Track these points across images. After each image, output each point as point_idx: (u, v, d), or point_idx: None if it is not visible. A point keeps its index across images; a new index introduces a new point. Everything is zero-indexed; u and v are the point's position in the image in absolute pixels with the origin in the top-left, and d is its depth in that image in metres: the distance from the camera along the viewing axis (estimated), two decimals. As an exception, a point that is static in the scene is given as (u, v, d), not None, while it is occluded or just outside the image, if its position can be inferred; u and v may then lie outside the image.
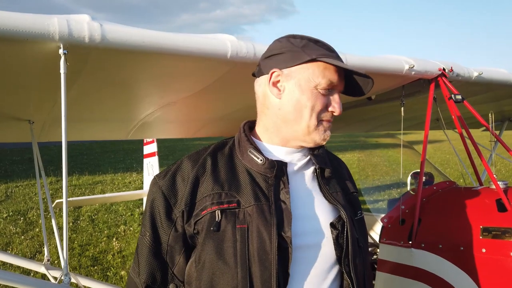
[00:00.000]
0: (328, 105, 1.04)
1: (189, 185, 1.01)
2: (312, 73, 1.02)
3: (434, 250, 2.06)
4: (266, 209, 0.97)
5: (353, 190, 1.17)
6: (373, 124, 4.11)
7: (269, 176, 1.01)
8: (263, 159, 1.02)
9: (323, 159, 1.11)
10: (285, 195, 1.00)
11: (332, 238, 1.01)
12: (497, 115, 4.61)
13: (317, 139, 1.06)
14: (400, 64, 2.21)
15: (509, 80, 2.69)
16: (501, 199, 1.97)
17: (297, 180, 1.06)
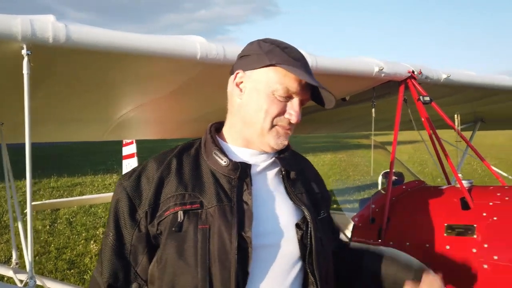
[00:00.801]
0: (285, 112, 1.06)
1: (153, 186, 1.03)
2: (271, 78, 1.04)
3: (402, 248, 2.10)
4: (228, 210, 0.99)
5: (318, 191, 1.20)
6: (349, 124, 4.19)
7: (233, 178, 1.03)
8: (227, 160, 1.04)
9: (288, 162, 1.13)
10: (248, 196, 1.02)
11: (297, 238, 1.05)
12: (469, 116, 4.75)
13: (271, 143, 1.08)
14: (370, 66, 2.27)
15: (476, 83, 2.78)
16: (465, 197, 2.04)
17: (261, 182, 1.09)
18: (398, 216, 2.24)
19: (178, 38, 1.64)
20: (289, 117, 1.05)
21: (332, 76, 2.19)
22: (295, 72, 1.02)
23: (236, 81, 1.09)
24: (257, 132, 1.07)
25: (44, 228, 6.44)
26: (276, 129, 1.07)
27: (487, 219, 1.88)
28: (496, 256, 1.76)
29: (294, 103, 1.06)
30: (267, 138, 1.07)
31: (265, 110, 1.04)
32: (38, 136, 2.78)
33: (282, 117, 1.05)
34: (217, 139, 1.12)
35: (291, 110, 1.05)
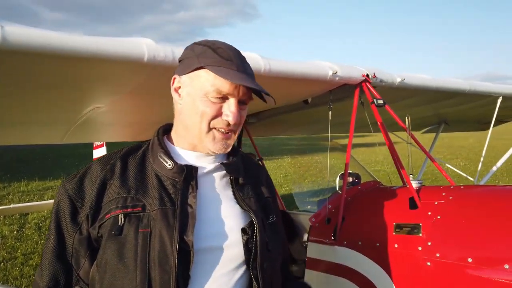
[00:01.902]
0: (221, 113, 1.05)
1: (96, 188, 1.03)
2: (202, 81, 1.04)
3: (355, 247, 2.17)
4: (170, 213, 0.99)
5: (267, 195, 1.21)
6: (315, 127, 4.25)
7: (178, 181, 1.04)
8: (172, 163, 1.05)
9: (235, 167, 1.13)
10: (192, 199, 1.02)
11: (242, 242, 1.05)
12: (433, 118, 4.89)
13: (209, 147, 1.07)
14: (324, 70, 2.31)
15: (430, 85, 2.87)
16: (413, 197, 2.10)
17: (208, 185, 1.09)
18: (352, 216, 2.30)
19: (125, 40, 1.64)
20: (226, 118, 1.04)
21: (287, 79, 2.23)
22: (222, 73, 1.01)
23: (174, 87, 1.10)
24: (196, 136, 1.07)
25: (11, 234, 6.27)
26: (213, 133, 1.06)
27: (431, 218, 1.95)
28: (438, 254, 1.83)
29: (230, 103, 1.04)
30: (205, 142, 1.07)
31: (200, 113, 1.04)
32: None
33: (219, 119, 1.05)
34: (164, 142, 1.12)
35: (227, 111, 1.04)
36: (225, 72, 1.01)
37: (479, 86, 3.31)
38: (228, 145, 1.09)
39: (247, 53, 2.10)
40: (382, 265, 2.04)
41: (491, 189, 2.50)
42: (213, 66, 1.02)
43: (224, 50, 1.06)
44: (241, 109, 1.07)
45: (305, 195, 3.28)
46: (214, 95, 1.03)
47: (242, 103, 1.07)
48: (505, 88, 3.53)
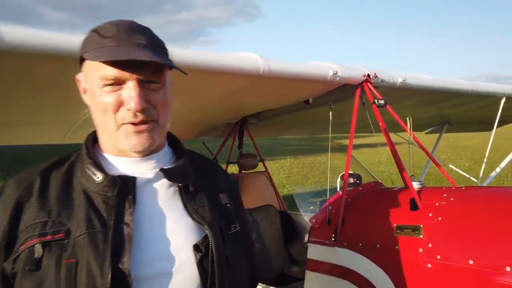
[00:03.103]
0: (122, 104, 0.86)
1: (9, 214, 0.84)
2: (87, 72, 0.88)
3: (355, 248, 2.15)
4: (100, 237, 0.82)
5: (227, 200, 1.02)
6: (315, 127, 4.24)
7: (110, 196, 0.86)
8: (102, 176, 0.87)
9: (180, 172, 0.95)
10: (129, 217, 0.85)
11: (196, 261, 0.89)
12: (436, 118, 4.86)
13: (126, 146, 0.88)
14: (325, 70, 2.30)
15: (432, 86, 2.85)
16: (414, 198, 2.08)
17: (149, 197, 0.91)
18: (352, 217, 2.28)
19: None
20: (128, 107, 0.85)
21: (287, 80, 2.22)
22: (95, 55, 0.83)
23: (80, 88, 0.94)
24: (109, 137, 0.90)
25: None
26: (124, 128, 0.87)
27: (432, 219, 1.93)
28: (439, 256, 1.81)
29: (128, 88, 0.84)
30: (119, 141, 0.89)
31: (101, 109, 0.87)
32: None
33: (123, 110, 0.86)
34: (94, 150, 0.94)
35: (128, 98, 0.85)
36: (99, 53, 0.83)
37: (482, 87, 3.29)
38: (150, 139, 0.88)
39: (246, 53, 2.11)
40: (383, 267, 2.02)
41: (493, 190, 2.47)
42: (88, 52, 0.85)
43: (109, 28, 0.87)
44: (151, 89, 0.87)
45: (306, 195, 3.27)
46: (103, 83, 0.84)
47: (149, 82, 0.86)
48: (509, 88, 3.50)
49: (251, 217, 3.30)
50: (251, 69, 2.02)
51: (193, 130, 3.89)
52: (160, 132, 0.91)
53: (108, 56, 0.82)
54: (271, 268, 3.23)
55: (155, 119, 0.89)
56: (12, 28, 1.33)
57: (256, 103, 3.06)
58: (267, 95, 2.70)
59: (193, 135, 4.04)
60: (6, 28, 1.32)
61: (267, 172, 3.88)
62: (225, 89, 2.37)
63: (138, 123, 0.86)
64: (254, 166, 3.67)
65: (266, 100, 2.94)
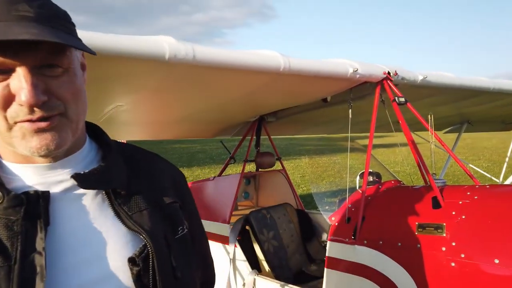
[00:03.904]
0: (13, 97, 0.66)
1: None
2: None
3: (376, 247, 2.14)
4: (2, 274, 0.64)
5: (172, 199, 0.85)
6: (334, 126, 4.21)
7: (14, 220, 0.67)
8: (1, 194, 0.68)
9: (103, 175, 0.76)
10: (41, 244, 0.67)
11: (132, 278, 0.73)
12: (455, 117, 4.78)
13: (23, 150, 0.69)
14: (344, 67, 2.29)
15: (453, 84, 2.81)
16: (436, 196, 2.06)
17: (70, 211, 0.73)
18: (372, 215, 2.26)
19: (146, 39, 1.65)
20: (19, 101, 0.65)
21: (307, 78, 2.22)
22: None
23: None
24: (2, 139, 0.70)
25: None
26: (19, 128, 0.67)
27: (455, 218, 1.90)
28: (463, 254, 1.78)
29: (17, 76, 0.65)
30: (15, 145, 0.69)
31: None
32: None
33: (14, 105, 0.66)
34: None
35: (17, 89, 0.65)
36: None
37: (504, 85, 3.23)
38: (56, 138, 0.69)
39: (266, 51, 2.12)
40: (404, 265, 2.00)
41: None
42: None
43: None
44: (51, 76, 0.67)
45: (324, 195, 3.26)
46: None
47: (46, 67, 0.67)
48: (532, 86, 3.43)
49: (269, 215, 3.30)
50: (272, 66, 2.03)
51: (211, 129, 3.91)
52: (71, 128, 0.71)
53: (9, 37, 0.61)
54: (288, 266, 3.23)
55: (61, 112, 0.69)
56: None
57: (274, 101, 3.06)
58: (286, 93, 2.70)
59: (211, 134, 4.07)
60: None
61: (284, 171, 3.88)
62: (245, 87, 2.39)
63: (37, 120, 0.66)
64: (271, 164, 3.67)
65: (285, 98, 2.95)
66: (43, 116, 0.66)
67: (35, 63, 0.65)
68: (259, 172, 3.93)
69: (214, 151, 17.66)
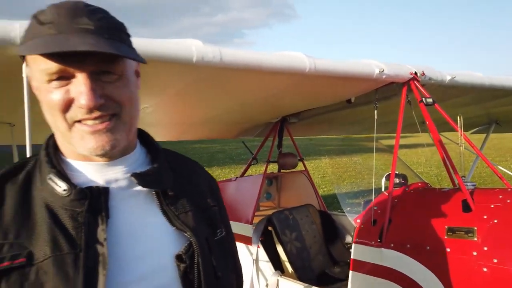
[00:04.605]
0: (72, 100, 0.72)
1: None
2: (32, 66, 0.74)
3: (403, 250, 2.10)
4: (69, 261, 0.69)
5: (212, 203, 0.92)
6: (357, 127, 4.16)
7: (79, 212, 0.73)
8: (68, 188, 0.73)
9: (157, 176, 0.83)
10: (102, 235, 0.72)
11: (179, 274, 0.78)
12: (483, 118, 4.66)
13: (82, 150, 0.75)
14: (370, 68, 2.27)
15: (483, 83, 2.74)
16: (467, 199, 2.01)
17: (125, 208, 0.79)
18: (399, 218, 2.23)
19: (174, 42, 1.68)
20: (78, 104, 0.71)
21: (332, 78, 2.20)
22: (31, 47, 0.70)
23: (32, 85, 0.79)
24: (63, 139, 0.77)
25: None
26: (77, 129, 0.73)
27: (487, 222, 1.85)
28: (496, 259, 1.73)
29: (77, 81, 0.71)
30: (75, 144, 0.75)
31: (48, 107, 0.73)
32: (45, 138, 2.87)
33: (74, 107, 0.72)
34: (56, 156, 0.79)
35: (76, 93, 0.72)
36: (33, 45, 0.69)
37: (536, 84, 3.12)
38: (111, 139, 0.74)
39: (292, 52, 2.11)
40: (433, 270, 1.96)
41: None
42: (24, 44, 0.72)
43: (48, 12, 0.72)
44: (108, 81, 0.73)
45: (348, 196, 3.23)
46: (47, 78, 0.71)
47: (103, 73, 0.73)
48: None
49: (291, 216, 3.29)
50: (297, 68, 2.02)
51: (234, 129, 3.93)
52: (125, 131, 0.77)
53: (42, 49, 0.68)
54: (311, 267, 3.21)
55: (116, 114, 0.75)
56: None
57: (297, 103, 3.05)
58: (310, 94, 2.69)
59: (233, 134, 4.09)
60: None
61: (307, 171, 3.86)
62: (269, 89, 2.39)
63: (94, 120, 0.72)
64: (294, 165, 3.66)
65: (308, 100, 2.93)
66: (99, 116, 0.73)
67: (92, 70, 0.72)
68: (281, 173, 3.93)
69: (234, 151, 17.73)
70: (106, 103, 0.73)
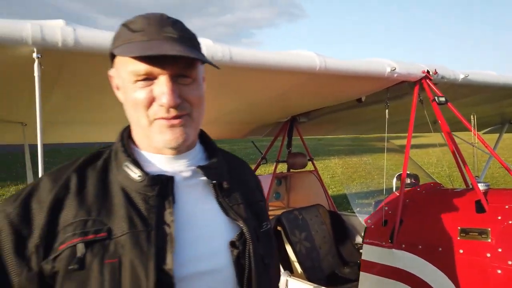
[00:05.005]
0: (154, 99, 0.83)
1: (46, 212, 0.81)
2: (120, 68, 0.85)
3: (414, 251, 2.07)
4: (143, 237, 0.80)
5: (259, 198, 1.04)
6: (367, 126, 4.13)
7: (150, 196, 0.84)
8: (142, 174, 0.85)
9: (216, 170, 0.94)
10: (169, 217, 0.83)
11: (232, 258, 0.88)
12: (496, 117, 4.58)
13: (160, 142, 0.86)
14: (382, 66, 2.24)
15: (497, 82, 2.69)
16: (480, 200, 1.97)
17: (187, 196, 0.90)
18: (411, 219, 2.20)
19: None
20: (160, 102, 0.82)
21: (343, 77, 2.18)
22: (125, 50, 0.80)
23: (113, 86, 0.92)
24: (143, 133, 0.88)
25: None
26: (157, 124, 0.84)
27: (502, 223, 1.82)
28: (511, 261, 1.70)
29: (159, 82, 0.82)
30: (153, 137, 0.86)
31: (133, 105, 0.84)
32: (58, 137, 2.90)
33: (155, 105, 0.83)
34: (131, 147, 0.91)
35: (159, 93, 0.82)
36: (129, 48, 0.80)
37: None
38: (183, 133, 0.86)
39: (302, 51, 2.10)
40: (445, 271, 1.93)
41: None
42: (118, 47, 0.82)
43: (138, 22, 0.84)
44: (184, 84, 0.84)
45: (358, 196, 3.20)
46: (134, 78, 0.82)
47: (181, 76, 0.84)
48: None
49: (301, 216, 3.27)
50: (307, 66, 2.01)
51: (243, 129, 3.93)
52: (194, 128, 0.88)
53: (139, 51, 0.79)
54: (321, 268, 3.19)
55: (188, 113, 0.85)
56: (87, 30, 1.41)
57: (307, 102, 3.03)
58: (320, 93, 2.67)
59: (243, 134, 4.08)
60: (82, 31, 1.40)
61: (317, 171, 3.84)
62: (279, 88, 2.37)
63: (171, 118, 0.83)
64: (303, 165, 3.64)
65: (318, 99, 2.91)
66: (176, 115, 0.83)
67: (173, 73, 0.82)
68: (290, 173, 3.91)
69: (243, 151, 17.72)
70: (182, 103, 0.83)
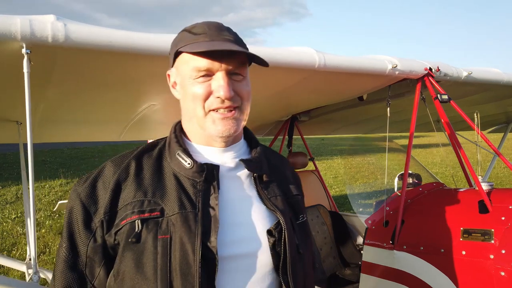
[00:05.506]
0: (211, 93, 0.95)
1: (109, 192, 0.96)
2: (181, 66, 0.99)
3: (416, 252, 2.03)
4: (192, 217, 0.91)
5: (296, 192, 1.11)
6: (369, 125, 4.08)
7: (198, 181, 0.96)
8: (191, 162, 0.97)
9: (257, 163, 1.04)
10: (214, 201, 0.94)
11: (269, 245, 0.97)
12: (501, 116, 4.52)
13: (213, 131, 0.98)
14: (383, 64, 2.19)
15: (501, 80, 2.63)
16: (483, 200, 1.92)
17: (230, 184, 1.01)
18: (413, 219, 2.15)
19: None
20: (218, 94, 0.94)
21: (343, 74, 2.14)
22: (192, 48, 0.94)
23: (170, 84, 1.06)
24: (197, 124, 0.99)
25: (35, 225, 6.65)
26: (211, 115, 0.97)
27: (505, 224, 1.77)
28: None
29: (217, 78, 0.95)
30: (206, 127, 0.98)
31: (192, 97, 0.96)
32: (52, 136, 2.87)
33: (212, 98, 0.95)
34: (182, 139, 1.04)
35: (216, 87, 0.94)
36: (195, 46, 0.94)
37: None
38: (234, 125, 0.97)
39: (300, 47, 2.05)
40: (447, 273, 1.88)
41: None
42: (184, 46, 0.96)
43: (199, 27, 0.98)
44: (236, 80, 0.97)
45: (360, 196, 3.15)
46: (196, 74, 0.95)
47: (234, 74, 0.96)
48: None
49: (301, 217, 3.23)
50: (306, 63, 1.97)
51: (243, 128, 3.88)
52: (242, 121, 1.00)
53: (206, 47, 0.92)
54: (321, 269, 3.15)
55: (239, 106, 0.97)
56: (78, 25, 1.38)
57: (307, 100, 2.99)
58: (320, 91, 2.63)
59: (243, 133, 4.04)
60: (72, 26, 1.37)
61: (317, 171, 3.80)
62: (278, 85, 2.33)
63: (225, 110, 0.96)
64: (304, 164, 3.60)
65: (319, 97, 2.87)
66: (230, 106, 0.95)
67: (228, 70, 0.95)
68: (291, 172, 3.86)
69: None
70: (235, 96, 0.95)
